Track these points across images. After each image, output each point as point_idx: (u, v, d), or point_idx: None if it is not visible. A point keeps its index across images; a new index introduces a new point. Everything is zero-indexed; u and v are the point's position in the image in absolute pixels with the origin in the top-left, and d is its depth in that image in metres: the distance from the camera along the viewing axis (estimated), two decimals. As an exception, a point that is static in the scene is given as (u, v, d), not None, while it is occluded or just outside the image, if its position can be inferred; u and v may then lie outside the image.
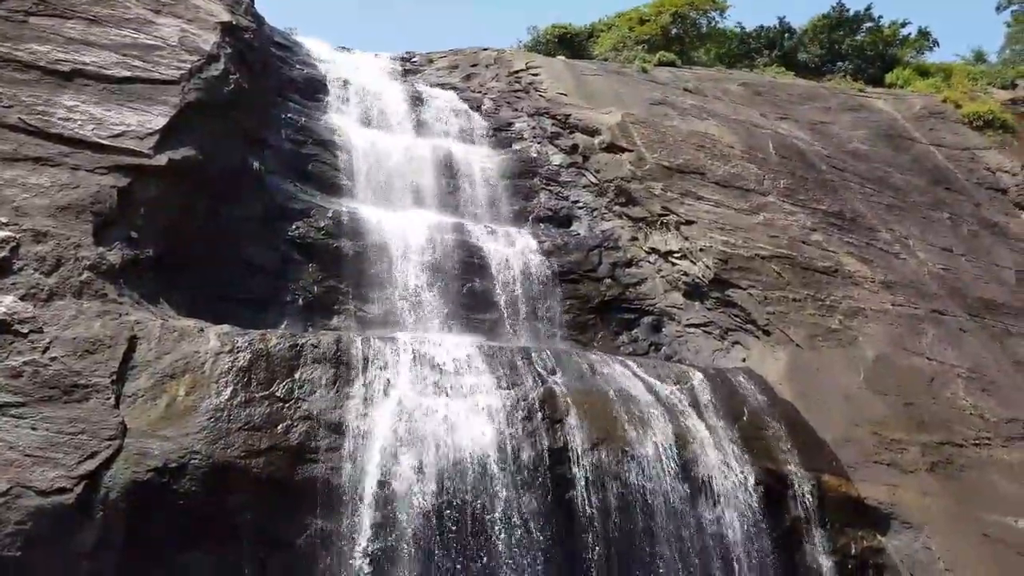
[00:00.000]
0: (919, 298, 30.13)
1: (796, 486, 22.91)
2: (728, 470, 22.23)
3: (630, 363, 26.49)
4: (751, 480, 22.28)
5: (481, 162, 33.51)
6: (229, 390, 18.41)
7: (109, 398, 17.37)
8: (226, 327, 20.39)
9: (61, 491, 15.51)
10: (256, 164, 28.10)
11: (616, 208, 31.94)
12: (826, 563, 22.05)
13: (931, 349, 28.32)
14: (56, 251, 19.81)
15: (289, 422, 18.61)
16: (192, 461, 16.93)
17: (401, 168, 31.53)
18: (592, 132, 33.42)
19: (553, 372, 23.97)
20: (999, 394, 27.49)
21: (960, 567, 21.95)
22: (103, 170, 21.53)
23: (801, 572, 21.82)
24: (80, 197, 20.89)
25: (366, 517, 17.97)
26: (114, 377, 17.76)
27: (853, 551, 22.46)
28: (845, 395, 25.95)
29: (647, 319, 31.29)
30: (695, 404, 24.07)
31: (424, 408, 20.36)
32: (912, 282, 30.78)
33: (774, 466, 23.16)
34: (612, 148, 32.59)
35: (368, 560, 17.47)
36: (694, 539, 20.78)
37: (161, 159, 22.96)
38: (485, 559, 18.17)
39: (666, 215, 30.56)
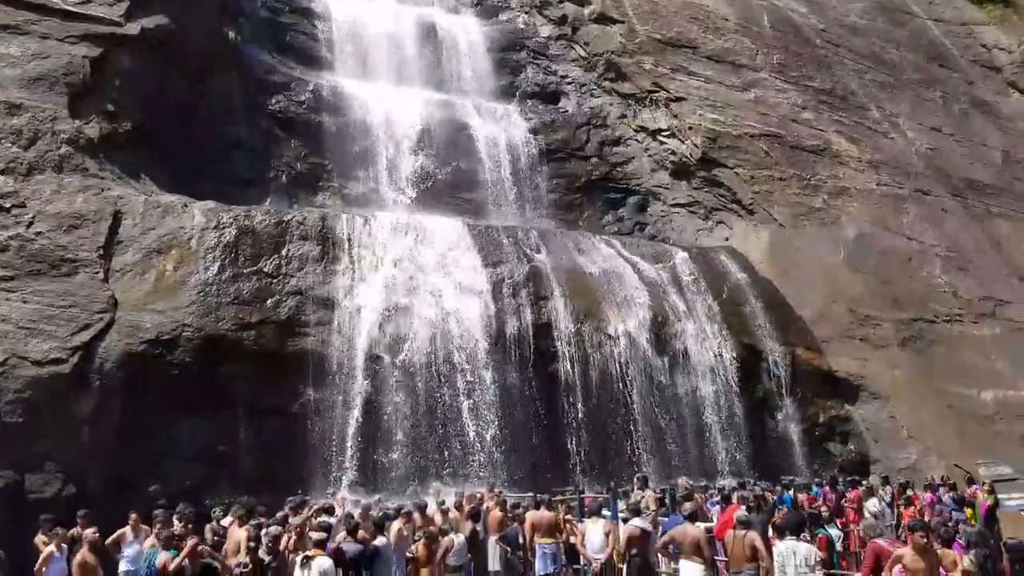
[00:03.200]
0: (904, 177, 30.51)
1: (770, 359, 24.07)
2: (705, 344, 23.25)
3: (615, 242, 27.07)
4: (727, 354, 23.39)
5: (467, 34, 32.67)
6: (217, 265, 18.86)
7: (98, 272, 17.82)
8: (210, 203, 20.59)
9: (56, 361, 16.16)
10: (232, 34, 27.41)
11: (605, 84, 31.57)
12: (795, 430, 23.48)
13: (912, 228, 28.98)
14: (32, 124, 19.70)
15: (278, 297, 19.19)
16: (184, 334, 17.58)
17: (383, 40, 30.85)
18: (582, 1, 32.53)
19: (538, 251, 24.52)
20: (975, 273, 28.41)
21: (922, 434, 23.43)
22: (73, 39, 21.06)
23: (771, 438, 23.26)
24: (52, 68, 20.54)
25: (356, 387, 18.89)
26: (101, 252, 18.14)
27: (821, 419, 23.90)
28: (824, 273, 26.76)
29: (633, 199, 31.66)
30: (676, 282, 24.87)
31: (411, 284, 20.97)
32: (899, 161, 31.04)
33: (750, 340, 24.24)
34: (602, 19, 31.79)
35: (359, 427, 18.51)
36: (670, 409, 22.01)
37: (133, 28, 22.41)
38: (471, 427, 19.23)
39: (656, 91, 30.28)
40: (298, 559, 10.08)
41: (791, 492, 17.56)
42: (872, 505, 14.43)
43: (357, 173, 27.33)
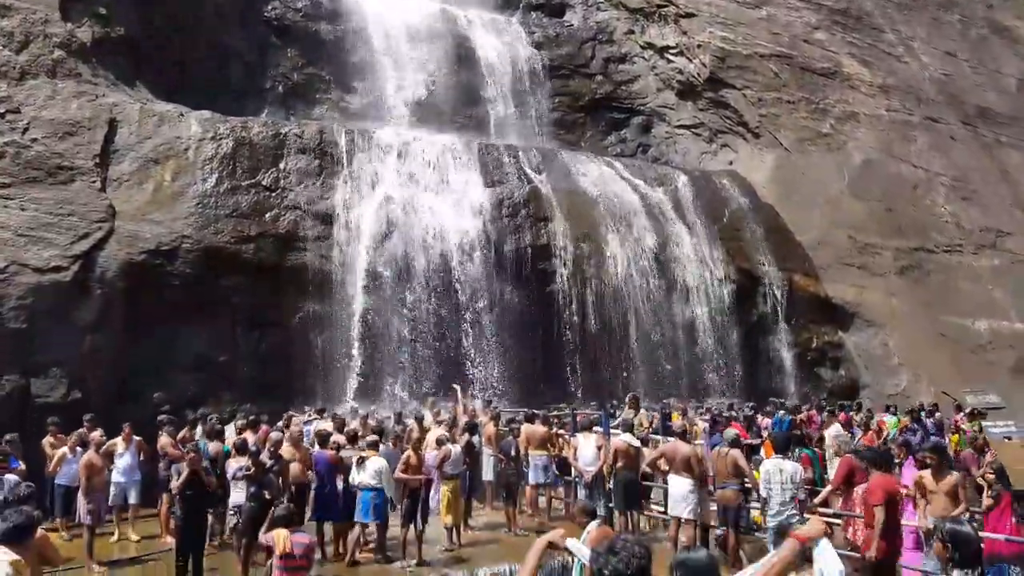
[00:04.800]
0: (915, 103, 30.31)
1: (767, 285, 24.49)
2: (704, 269, 23.61)
3: (616, 164, 27.09)
4: (725, 279, 23.78)
5: (469, -59, 31.98)
6: (215, 177, 18.98)
7: (95, 181, 17.96)
8: (207, 113, 20.55)
9: (57, 269, 16.47)
10: (227, -64, 26.88)
11: (612, -3, 31.05)
12: (787, 355, 24.07)
13: (919, 156, 28.97)
14: (23, 27, 19.52)
15: (277, 211, 19.38)
16: (183, 245, 17.85)
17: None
18: (589, -90, 31.60)
19: (539, 171, 24.58)
20: (979, 203, 28.55)
21: (913, 362, 24.04)
22: (63, -62, 20.70)
23: (763, 362, 23.87)
24: (43, -33, 20.28)
25: (356, 303, 19.32)
26: (97, 160, 18.24)
27: (814, 345, 24.46)
28: (827, 199, 26.89)
29: (637, 119, 31.45)
30: (677, 205, 25.03)
31: (410, 201, 21.16)
32: (910, 87, 30.78)
33: (748, 266, 24.57)
34: (610, -71, 31.05)
35: (358, 342, 19.02)
36: (665, 331, 22.53)
37: (125, -73, 22.03)
38: (468, 343, 19.75)
39: (665, 6, 29.68)
40: (354, 459, 11.19)
41: (782, 413, 18.18)
42: (834, 431, 15.02)
43: (355, 85, 27.12)
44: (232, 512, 10.97)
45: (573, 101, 30.23)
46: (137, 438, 12.80)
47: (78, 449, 12.34)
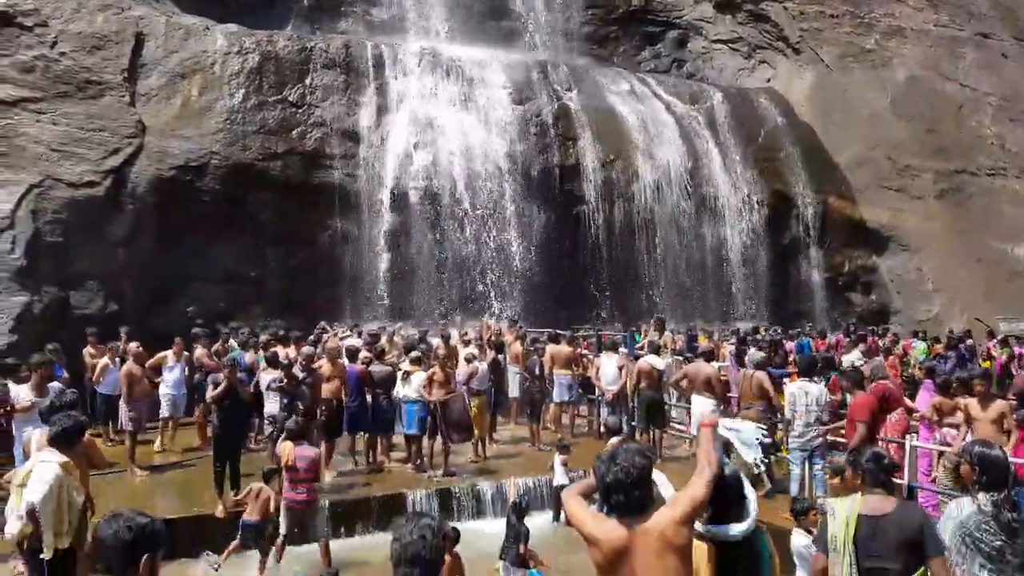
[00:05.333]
0: (965, 18, 29.08)
1: (801, 207, 24.17)
2: (736, 190, 23.35)
3: (650, 80, 26.53)
4: (757, 200, 23.50)
5: None
6: (241, 92, 18.97)
7: (124, 96, 18.07)
8: (232, 26, 20.44)
9: (90, 184, 16.79)
10: None
11: (649, -96, 29.86)
12: (817, 279, 23.94)
13: (966, 75, 27.95)
14: (46, -64, 19.47)
15: (303, 128, 19.42)
16: (212, 161, 18.03)
17: None
18: None
19: (569, 88, 24.11)
20: (1026, 124, 27.72)
21: (947, 287, 23.78)
22: None
23: (792, 286, 23.78)
24: None
25: (383, 221, 19.50)
26: (125, 75, 18.30)
27: (846, 269, 24.27)
28: (867, 119, 26.17)
29: (672, 33, 30.54)
30: (711, 124, 24.58)
31: (437, 118, 21.03)
32: (961, 1, 29.56)
33: (782, 187, 24.22)
34: None
35: (385, 260, 19.29)
36: (694, 253, 22.48)
37: None
38: (495, 263, 19.92)
39: (704, -87, 28.68)
40: (399, 374, 11.76)
41: (808, 338, 18.28)
42: (854, 356, 15.04)
43: (381, -2, 26.66)
44: (268, 421, 11.44)
45: (606, 14, 29.42)
46: (186, 353, 13.15)
47: (117, 360, 12.83)
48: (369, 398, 11.81)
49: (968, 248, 24.21)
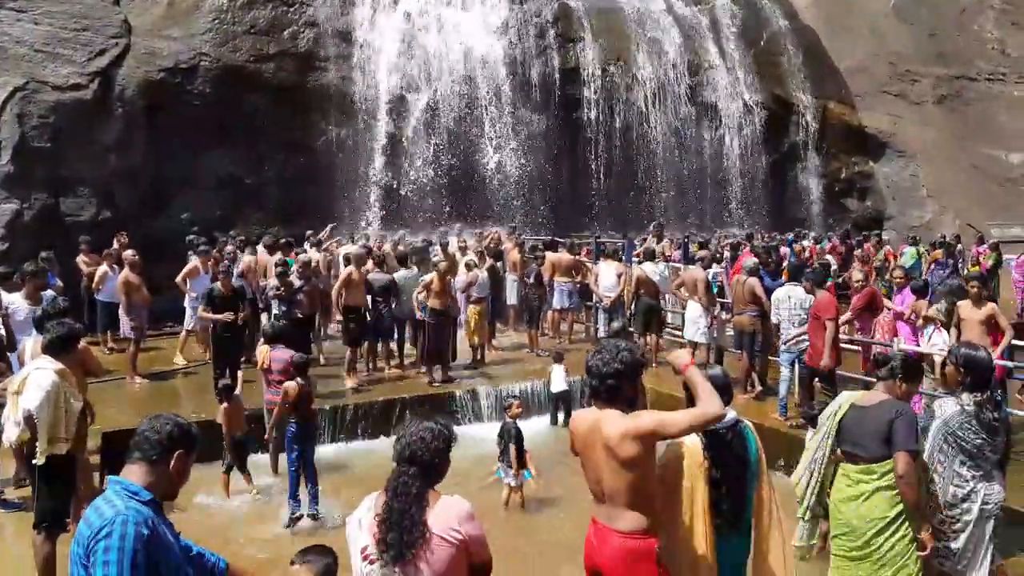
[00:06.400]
0: (973, -82, 27.74)
1: (801, 113, 23.33)
2: (736, 95, 22.54)
3: (652, -22, 25.28)
4: (757, 105, 22.73)
5: None
6: (230, -11, 17.97)
7: (107, -7, 17.10)
8: (220, -81, 19.18)
9: (77, 87, 15.85)
10: None
11: None
12: (815, 185, 23.40)
13: (972, -25, 26.89)
14: None
15: (295, 28, 18.33)
16: (202, 63, 17.03)
17: None
18: None
19: (571, -13, 23.05)
20: (1028, 29, 26.73)
21: (942, 193, 23.34)
22: None
23: (790, 191, 23.27)
24: None
25: (379, 126, 18.72)
26: (107, -30, 17.29)
27: (843, 175, 23.70)
28: (871, 23, 25.14)
29: (676, -70, 29.08)
30: (714, 26, 23.42)
31: (433, 19, 19.96)
32: (970, -101, 28.04)
33: (782, 92, 23.31)
34: None
35: (383, 166, 18.65)
36: (692, 159, 21.89)
37: None
38: (493, 169, 19.31)
39: None
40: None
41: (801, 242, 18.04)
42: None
43: None
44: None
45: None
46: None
47: (115, 267, 12.45)
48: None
49: (964, 154, 23.73)
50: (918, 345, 9.33)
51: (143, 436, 2.78)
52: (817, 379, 9.24)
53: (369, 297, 11.31)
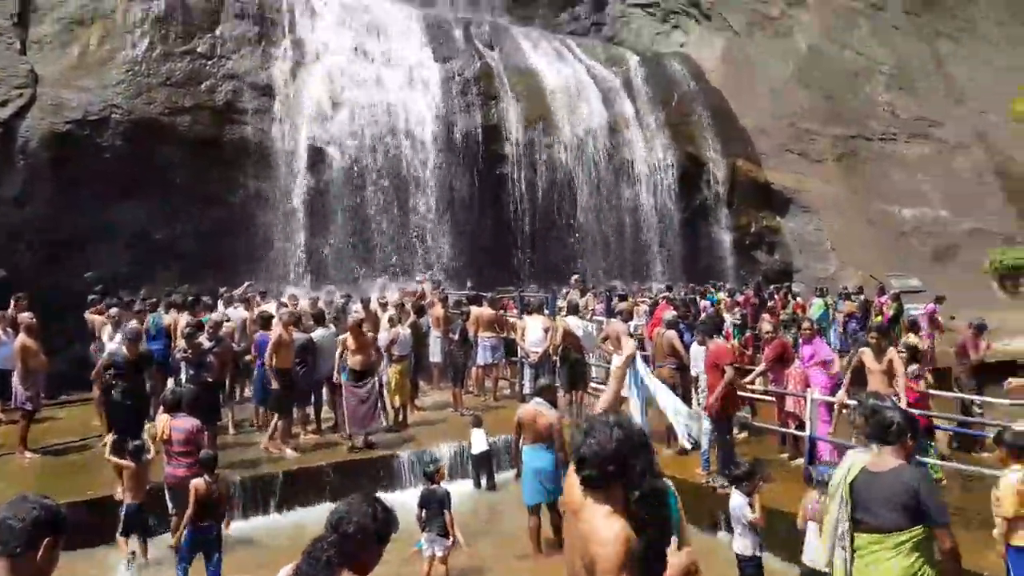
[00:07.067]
0: (861, -10, 29.23)
1: (711, 170, 23.84)
2: (651, 152, 22.82)
3: (570, 42, 25.50)
4: (671, 162, 23.06)
5: None
6: (146, 42, 16.98)
7: (13, 42, 15.90)
8: (135, -29, 18.42)
9: (-25, 131, 14.80)
10: None
11: None
12: (727, 239, 23.76)
13: (862, 44, 28.01)
14: None
15: (213, 80, 17.60)
16: (113, 115, 16.08)
17: None
18: None
19: (491, 47, 22.91)
20: (915, 93, 27.99)
21: (844, 246, 23.99)
22: None
23: (703, 245, 23.55)
24: None
25: (299, 179, 17.99)
26: (15, 19, 16.08)
27: (752, 229, 24.15)
28: (772, 86, 26.02)
29: (591, -5, 29.77)
30: (628, 87, 23.84)
31: (356, 74, 19.53)
32: (858, -28, 29.58)
33: (694, 150, 23.79)
34: None
35: (302, 221, 17.86)
36: (611, 214, 21.90)
37: None
38: (416, 224, 18.81)
39: None
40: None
41: (716, 294, 18.11)
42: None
43: (297, -51, 24.71)
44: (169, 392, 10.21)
45: (526, -25, 28.33)
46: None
47: (9, 330, 11.33)
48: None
49: (861, 210, 24.51)
50: (832, 395, 9.26)
51: (4, 525, 2.45)
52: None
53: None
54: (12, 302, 12.03)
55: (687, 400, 10.20)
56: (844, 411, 9.05)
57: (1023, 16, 31.15)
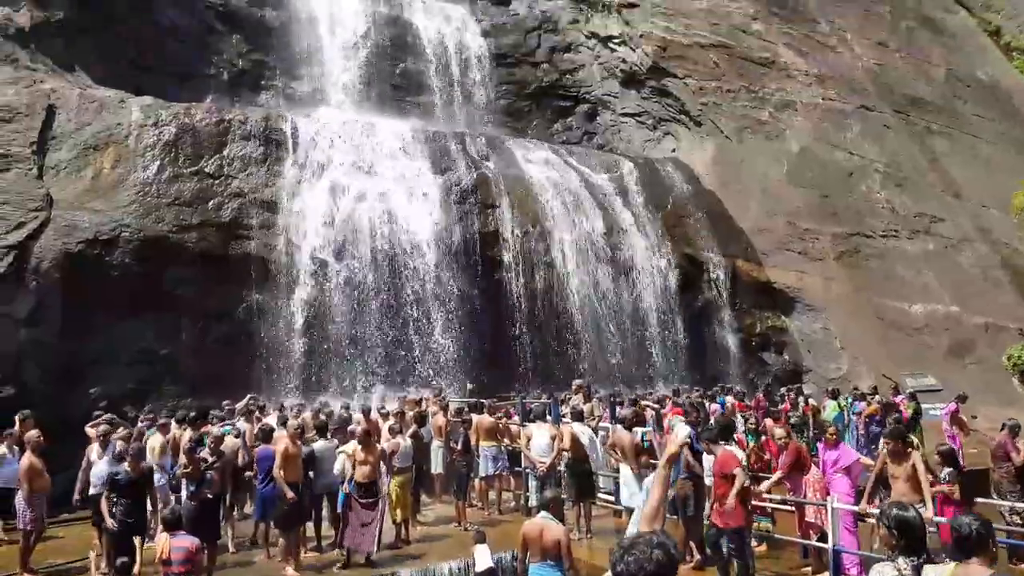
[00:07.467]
0: (849, 93, 30.35)
1: (711, 271, 24.21)
2: (649, 255, 23.30)
3: (562, 151, 26.56)
4: (670, 264, 23.49)
5: (416, -71, 31.05)
6: (156, 165, 17.95)
7: (31, 169, 16.85)
8: (148, 99, 19.46)
9: (-11, 261, 15.41)
10: (168, -82, 25.54)
11: (558, -13, 30.59)
12: (732, 340, 23.87)
13: (854, 144, 28.98)
14: (-43, 10, 18.50)
15: (220, 199, 18.43)
16: (123, 234, 16.81)
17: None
18: (535, -100, 30.97)
19: (487, 158, 23.93)
20: (912, 189, 28.68)
21: (854, 345, 24.00)
22: (-2, -80, 19.47)
23: (708, 347, 23.62)
24: (-24, -50, 19.13)
25: (302, 292, 18.47)
26: (34, 147, 17.12)
27: (758, 330, 24.31)
28: (765, 186, 26.75)
29: (583, 107, 30.99)
30: (623, 192, 24.65)
31: (357, 189, 20.34)
32: (844, 76, 30.81)
33: (692, 251, 24.31)
34: (556, -80, 30.52)
35: (304, 332, 18.20)
36: (612, 317, 22.14)
37: (59, -93, 20.71)
38: (416, 332, 19.07)
39: (609, -4, 29.48)
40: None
41: (724, 398, 18.02)
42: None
43: (302, 72, 26.19)
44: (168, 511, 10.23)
45: (519, 89, 29.72)
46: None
47: (15, 448, 11.46)
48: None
49: (869, 307, 24.60)
50: (856, 504, 9.11)
51: None
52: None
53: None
54: (17, 420, 12.22)
55: (701, 511, 9.97)
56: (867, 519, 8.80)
57: (1010, 111, 32.36)
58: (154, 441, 11.63)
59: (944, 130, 31.62)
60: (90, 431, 11.65)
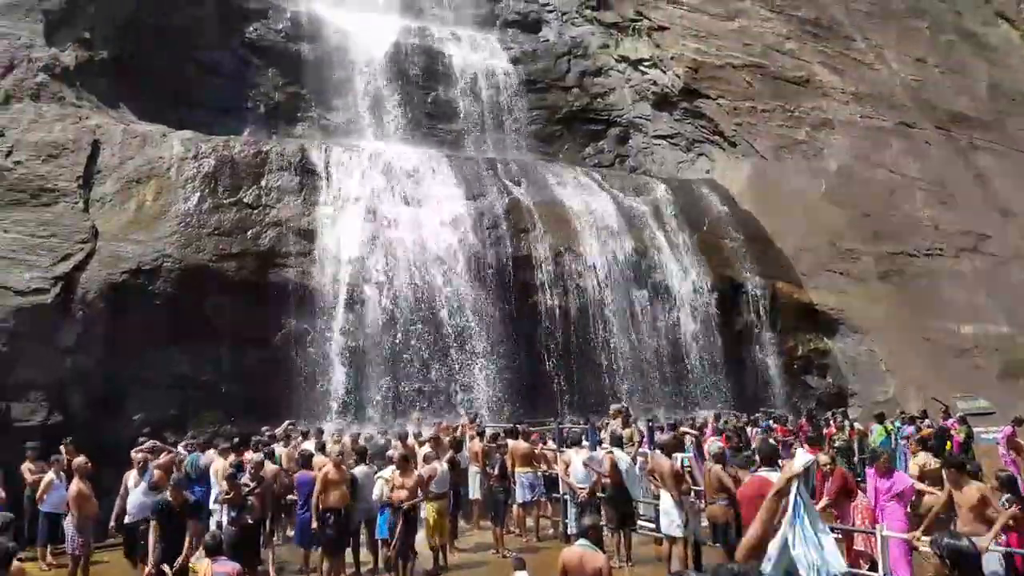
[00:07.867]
0: (888, 110, 30.14)
1: (750, 293, 24.07)
2: (686, 277, 23.24)
3: (595, 174, 26.76)
4: (707, 287, 23.38)
5: (446, -41, 31.77)
6: (196, 196, 18.57)
7: (77, 202, 17.54)
8: (188, 133, 20.20)
9: (39, 291, 15.97)
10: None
11: (587, 12, 30.74)
12: (773, 363, 23.61)
13: (894, 162, 28.70)
14: (8, 52, 19.34)
15: (258, 228, 18.97)
16: (165, 264, 17.39)
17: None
18: (564, -73, 31.51)
19: (518, 183, 24.25)
20: (957, 207, 28.24)
21: (900, 368, 23.56)
22: (46, -35, 20.43)
23: (749, 371, 23.41)
24: (27, -6, 20.11)
25: (338, 319, 18.86)
26: (80, 181, 17.86)
27: (800, 352, 24.03)
28: (805, 206, 26.58)
29: (614, 131, 31.18)
30: (657, 214, 24.70)
31: (392, 216, 20.75)
32: (883, 93, 30.62)
33: (730, 274, 24.20)
34: (585, -55, 30.98)
35: (341, 358, 18.52)
36: (649, 341, 22.09)
37: (106, -48, 21.69)
38: (452, 358, 19.28)
39: (639, 20, 29.49)
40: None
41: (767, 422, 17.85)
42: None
43: (335, 103, 26.86)
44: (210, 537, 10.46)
45: (550, 114, 30.04)
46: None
47: (62, 474, 11.83)
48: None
49: (915, 328, 24.16)
50: (908, 531, 8.91)
51: None
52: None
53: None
54: (62, 447, 12.64)
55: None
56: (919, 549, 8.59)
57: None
58: (217, 464, 11.90)
59: (988, 145, 31.17)
60: (135, 456, 11.97)
